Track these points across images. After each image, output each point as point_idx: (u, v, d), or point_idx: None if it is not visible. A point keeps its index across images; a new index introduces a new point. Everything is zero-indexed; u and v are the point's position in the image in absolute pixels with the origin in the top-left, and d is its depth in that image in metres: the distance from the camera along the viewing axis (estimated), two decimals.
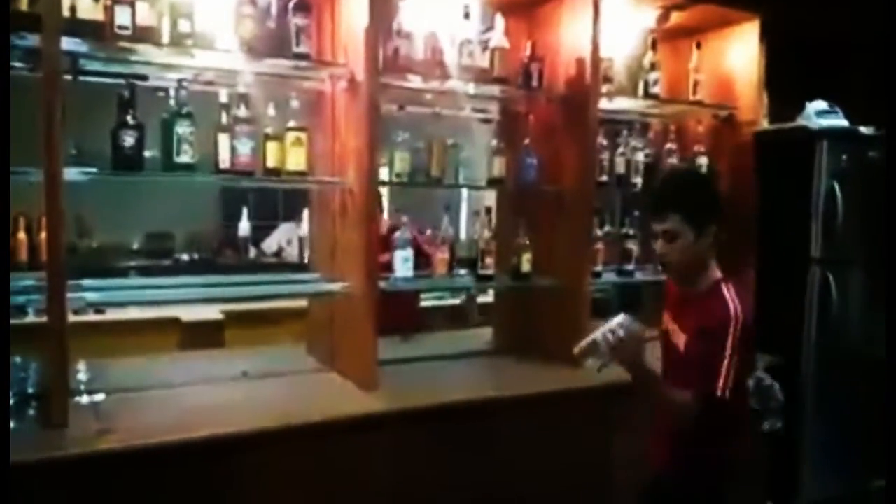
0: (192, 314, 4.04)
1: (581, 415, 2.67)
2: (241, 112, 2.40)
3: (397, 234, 2.76)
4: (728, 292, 1.93)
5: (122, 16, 2.14)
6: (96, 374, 2.43)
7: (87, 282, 2.33)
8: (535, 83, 2.89)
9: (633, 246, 3.22)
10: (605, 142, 3.09)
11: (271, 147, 2.46)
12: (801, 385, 3.33)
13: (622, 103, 3.18)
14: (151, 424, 2.12)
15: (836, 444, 3.39)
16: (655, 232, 1.99)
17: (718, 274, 1.99)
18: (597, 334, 1.85)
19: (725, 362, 1.83)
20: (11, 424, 2.06)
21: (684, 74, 3.32)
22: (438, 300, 4.71)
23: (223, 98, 2.43)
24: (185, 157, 2.28)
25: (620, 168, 3.16)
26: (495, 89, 2.93)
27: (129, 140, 2.19)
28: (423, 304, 4.59)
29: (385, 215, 3.58)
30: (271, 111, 2.49)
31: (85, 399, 2.29)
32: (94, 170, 2.19)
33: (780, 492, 3.33)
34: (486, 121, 3.44)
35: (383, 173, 2.67)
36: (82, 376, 2.35)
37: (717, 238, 1.99)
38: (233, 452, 2.13)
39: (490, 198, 3.50)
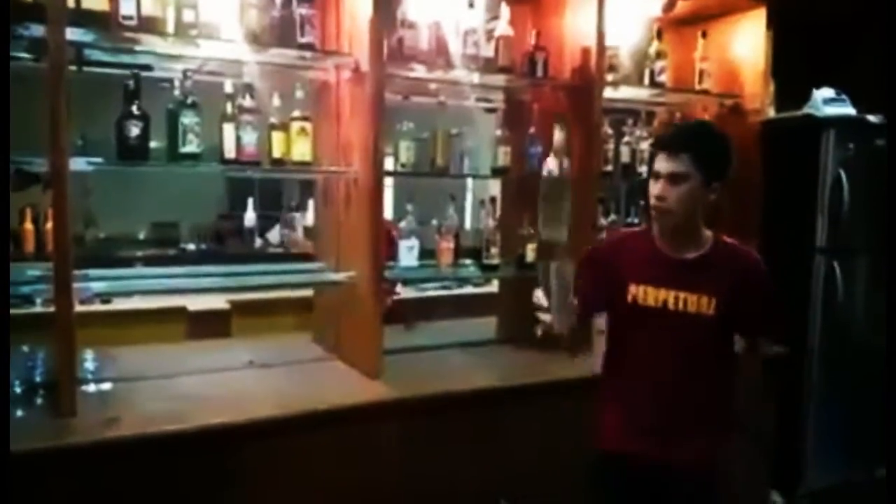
0: (199, 304, 4.05)
1: (585, 404, 2.67)
2: (246, 102, 2.40)
3: (402, 223, 2.76)
4: (736, 243, 1.94)
5: (126, 6, 2.13)
6: (103, 363, 2.46)
7: (93, 272, 2.34)
8: (539, 72, 2.88)
9: None
10: (610, 131, 3.08)
11: (276, 137, 2.46)
12: (805, 373, 3.34)
13: (627, 92, 3.16)
14: (158, 413, 2.14)
15: (841, 432, 3.40)
16: (657, 173, 1.81)
17: (710, 232, 1.92)
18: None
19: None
20: (19, 413, 2.09)
21: (690, 63, 3.31)
22: (444, 290, 4.72)
23: (228, 88, 2.42)
24: (190, 148, 2.29)
25: (625, 157, 3.15)
26: (500, 78, 2.92)
27: (134, 130, 2.20)
28: (429, 293, 4.62)
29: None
30: (276, 101, 2.50)
31: (92, 388, 2.31)
32: (99, 160, 2.20)
33: (784, 480, 3.34)
34: (491, 110, 3.44)
35: (388, 163, 2.67)
36: (89, 365, 2.38)
37: (717, 203, 1.86)
38: (239, 441, 2.14)
39: (495, 187, 3.50)
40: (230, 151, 2.37)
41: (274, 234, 5.60)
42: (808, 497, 3.33)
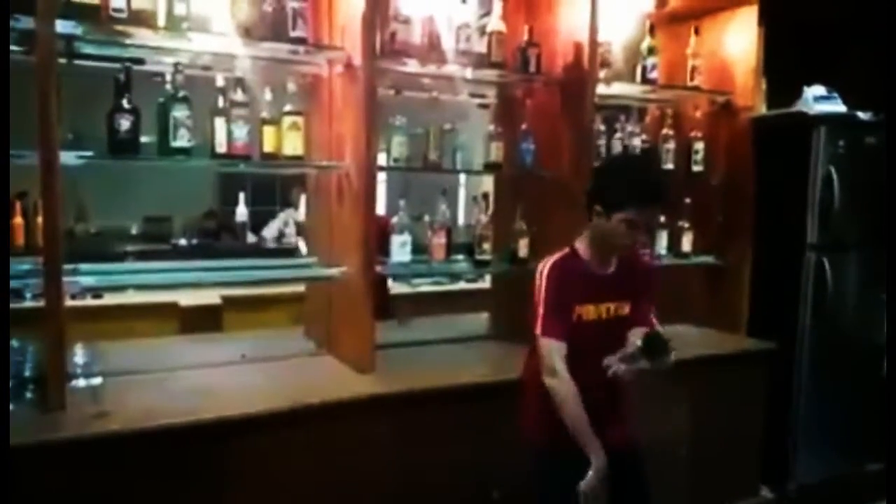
0: (191, 298, 4.04)
1: None
2: (238, 96, 2.39)
3: (395, 218, 2.76)
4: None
5: None
6: (94, 357, 2.45)
7: (84, 266, 2.33)
8: (532, 68, 2.87)
9: None
10: (602, 127, 3.08)
11: (268, 131, 2.46)
12: (795, 369, 3.36)
13: (619, 88, 3.16)
14: (149, 407, 2.13)
15: (830, 427, 3.42)
16: (637, 223, 2.01)
17: None
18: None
19: None
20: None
21: (682, 59, 3.31)
22: (436, 286, 4.72)
23: (220, 82, 2.41)
24: (181, 142, 2.28)
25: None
26: (493, 74, 2.92)
27: (124, 124, 2.19)
28: (421, 289, 4.62)
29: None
30: (268, 95, 2.49)
31: (82, 382, 2.31)
32: (90, 154, 2.19)
33: (773, 474, 3.36)
34: (484, 106, 3.44)
35: (381, 158, 2.67)
36: (79, 360, 2.38)
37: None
38: (230, 435, 2.14)
39: (487, 183, 3.50)
40: (221, 146, 2.36)
41: (269, 231, 5.59)
42: (797, 491, 3.35)
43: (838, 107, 3.42)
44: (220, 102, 2.38)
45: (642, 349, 2.00)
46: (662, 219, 3.31)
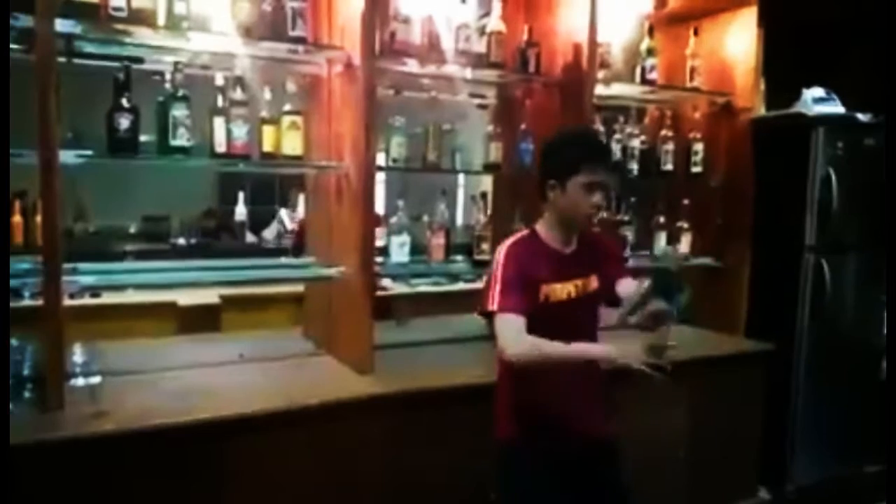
0: (189, 298, 4.03)
1: None
2: (237, 95, 2.39)
3: (393, 219, 2.76)
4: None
5: None
6: (92, 357, 2.45)
7: (82, 265, 2.33)
8: (531, 68, 2.88)
9: (628, 232, 3.23)
10: (601, 128, 3.08)
11: (267, 131, 2.46)
12: (793, 370, 3.36)
13: (619, 89, 3.17)
14: (147, 407, 2.13)
15: (828, 429, 3.42)
16: (597, 184, 1.97)
17: None
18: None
19: None
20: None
21: (681, 60, 3.31)
22: (434, 286, 4.71)
23: (219, 81, 2.41)
24: (180, 141, 2.28)
25: (616, 154, 3.15)
26: (492, 74, 2.92)
27: (124, 123, 2.19)
28: (419, 289, 4.61)
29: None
30: (267, 95, 2.49)
31: (81, 382, 2.30)
32: (89, 153, 2.19)
33: (771, 476, 3.36)
34: (483, 106, 3.44)
35: (380, 158, 2.67)
36: (78, 359, 2.37)
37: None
38: (229, 435, 2.14)
39: (486, 183, 3.50)
40: (221, 145, 2.36)
41: (269, 232, 5.58)
42: (795, 492, 3.35)
43: (837, 108, 3.43)
44: (220, 102, 2.38)
45: (652, 289, 1.87)
46: (662, 219, 3.32)
